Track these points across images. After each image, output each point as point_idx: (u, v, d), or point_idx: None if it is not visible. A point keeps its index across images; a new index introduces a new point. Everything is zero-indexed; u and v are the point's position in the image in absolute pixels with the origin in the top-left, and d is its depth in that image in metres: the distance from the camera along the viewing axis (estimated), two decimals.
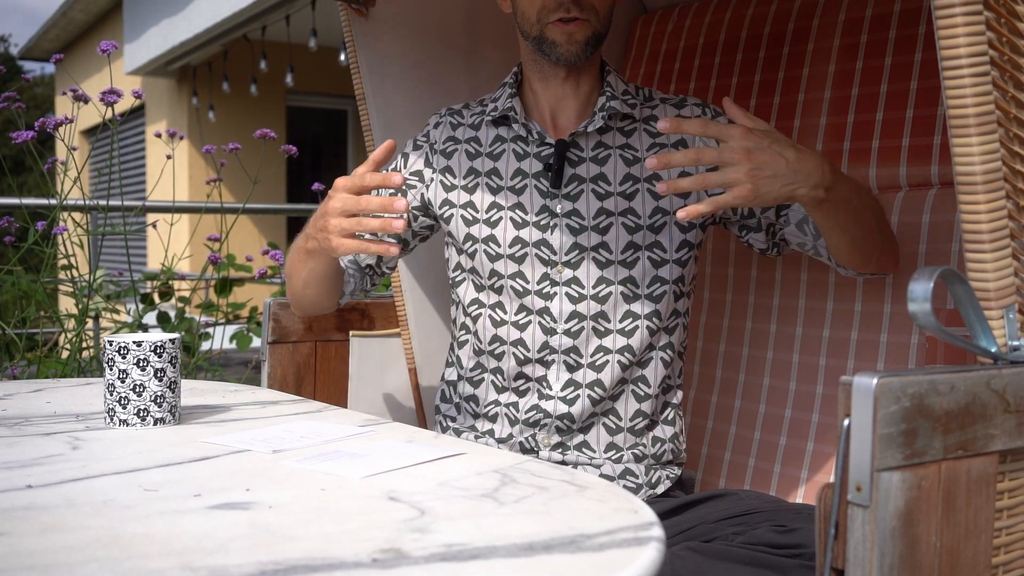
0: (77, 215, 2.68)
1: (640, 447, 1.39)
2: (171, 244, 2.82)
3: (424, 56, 1.78)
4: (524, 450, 1.39)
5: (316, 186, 2.96)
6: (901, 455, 0.79)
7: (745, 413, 1.67)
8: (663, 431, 1.42)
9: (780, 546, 1.16)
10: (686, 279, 1.42)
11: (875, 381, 0.77)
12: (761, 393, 1.65)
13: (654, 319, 1.38)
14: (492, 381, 1.43)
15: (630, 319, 1.38)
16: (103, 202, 2.55)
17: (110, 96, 2.22)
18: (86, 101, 2.28)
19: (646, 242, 1.38)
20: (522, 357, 1.39)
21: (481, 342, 1.43)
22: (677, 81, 1.90)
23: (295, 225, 8.63)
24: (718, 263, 1.76)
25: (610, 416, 1.39)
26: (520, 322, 1.39)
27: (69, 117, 2.29)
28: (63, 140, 2.30)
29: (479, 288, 1.43)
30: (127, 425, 1.12)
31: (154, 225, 2.97)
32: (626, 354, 1.38)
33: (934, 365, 1.40)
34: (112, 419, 1.13)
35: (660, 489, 1.41)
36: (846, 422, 0.79)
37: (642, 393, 1.39)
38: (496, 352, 1.41)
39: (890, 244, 1.40)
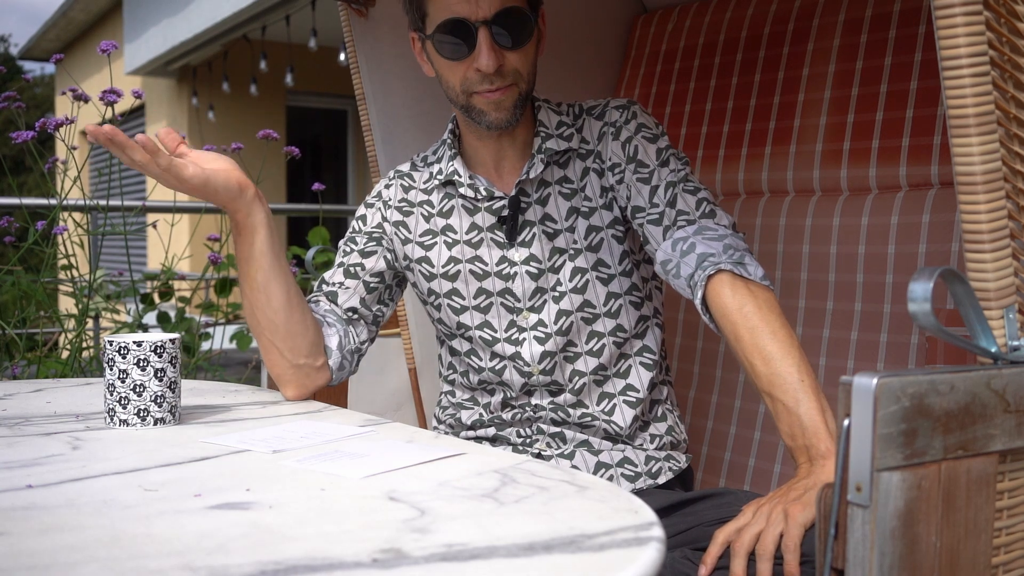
0: (77, 215, 2.67)
1: (636, 449, 1.41)
2: (171, 244, 2.82)
3: None
4: (525, 435, 1.42)
5: (316, 186, 2.96)
6: (901, 455, 0.79)
7: (745, 413, 1.67)
8: (656, 428, 1.44)
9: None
10: (640, 286, 1.42)
11: (875, 381, 0.77)
12: None
13: (618, 333, 1.40)
14: (481, 413, 1.46)
15: (595, 339, 1.39)
16: (103, 202, 2.55)
17: (110, 96, 2.22)
18: (86, 101, 2.28)
19: (590, 263, 1.39)
20: (509, 395, 1.42)
21: (471, 383, 1.46)
22: (677, 81, 1.90)
23: (295, 225, 8.64)
24: None
25: (611, 424, 1.40)
26: (496, 367, 1.42)
27: (70, 118, 2.29)
28: (63, 140, 2.30)
29: (450, 337, 1.46)
30: (127, 425, 1.12)
31: (154, 225, 2.97)
32: (599, 372, 1.40)
33: (934, 365, 1.40)
34: (112, 419, 1.13)
35: (661, 479, 1.41)
36: (846, 422, 0.79)
37: (633, 399, 1.41)
38: (489, 388, 1.45)
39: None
